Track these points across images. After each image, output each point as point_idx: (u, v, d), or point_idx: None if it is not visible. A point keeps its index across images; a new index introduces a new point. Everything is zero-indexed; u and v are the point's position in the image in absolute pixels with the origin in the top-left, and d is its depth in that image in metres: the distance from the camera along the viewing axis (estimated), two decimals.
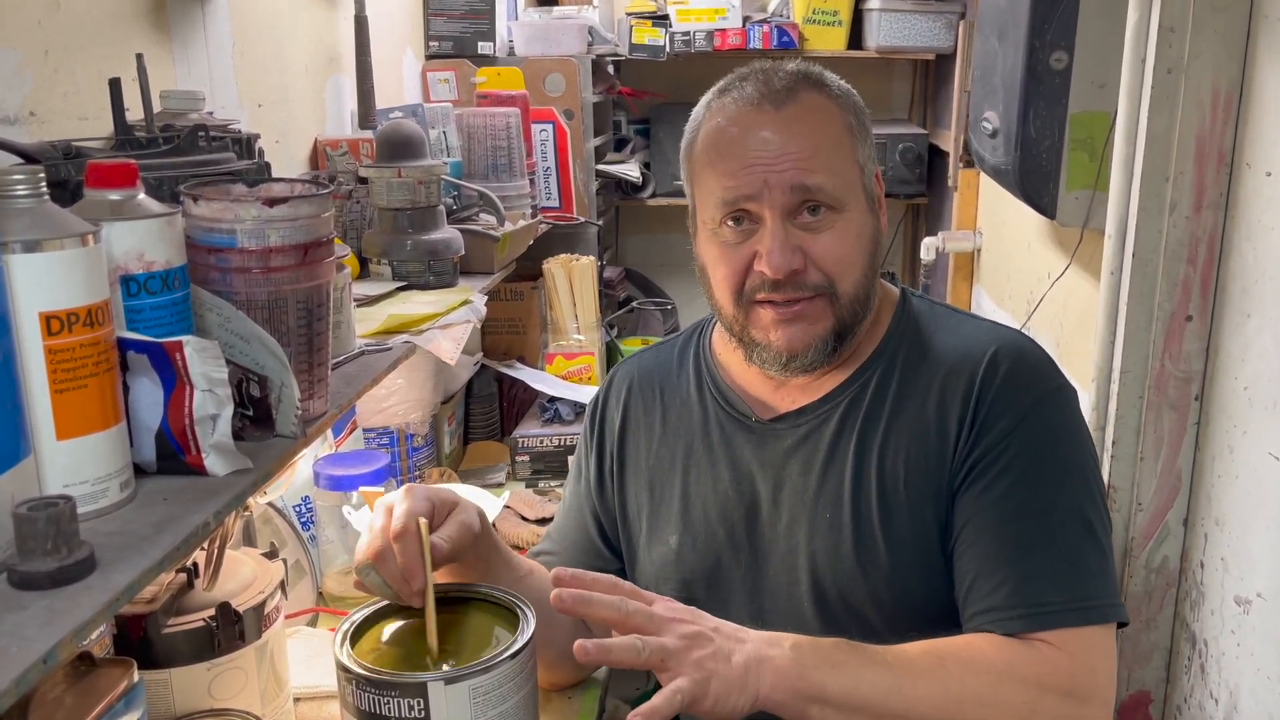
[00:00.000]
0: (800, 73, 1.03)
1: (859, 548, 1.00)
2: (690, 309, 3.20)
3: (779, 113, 0.99)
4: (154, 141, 0.96)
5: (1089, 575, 0.95)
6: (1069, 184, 1.64)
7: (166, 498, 0.72)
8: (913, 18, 2.83)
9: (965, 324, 1.08)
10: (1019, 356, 1.01)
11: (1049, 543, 0.95)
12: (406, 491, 0.98)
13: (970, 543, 0.97)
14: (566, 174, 2.36)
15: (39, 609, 0.59)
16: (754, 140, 0.98)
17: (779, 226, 0.98)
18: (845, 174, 0.99)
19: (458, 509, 1.00)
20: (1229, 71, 1.33)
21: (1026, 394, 0.99)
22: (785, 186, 0.97)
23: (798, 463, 1.05)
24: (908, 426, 1.01)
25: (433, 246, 1.45)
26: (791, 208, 0.98)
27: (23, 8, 1.01)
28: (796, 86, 1.00)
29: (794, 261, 0.98)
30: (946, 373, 1.02)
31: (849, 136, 1.01)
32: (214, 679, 0.99)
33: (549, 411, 1.98)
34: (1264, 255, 1.27)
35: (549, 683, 1.20)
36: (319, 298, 0.84)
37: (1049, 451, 0.98)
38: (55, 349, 0.65)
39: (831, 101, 1.01)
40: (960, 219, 2.66)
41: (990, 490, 0.97)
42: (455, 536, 0.96)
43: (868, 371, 1.05)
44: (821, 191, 0.97)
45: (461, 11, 2.34)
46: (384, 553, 0.92)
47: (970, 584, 0.96)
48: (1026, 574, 0.94)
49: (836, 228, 0.99)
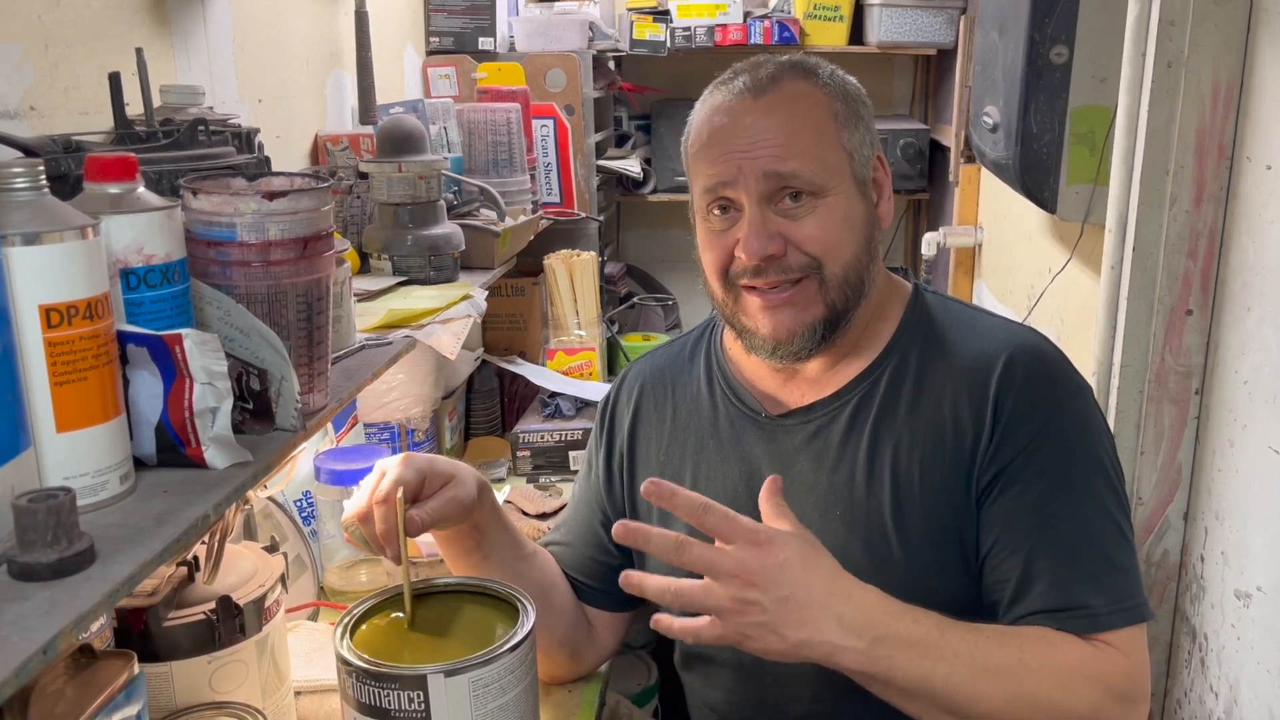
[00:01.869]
0: (789, 63, 1.03)
1: (871, 545, 1.00)
2: (691, 304, 3.20)
3: (757, 101, 0.99)
4: (154, 136, 0.97)
5: (1126, 575, 0.97)
6: (1069, 178, 1.64)
7: (166, 490, 0.72)
8: (914, 13, 2.82)
9: (980, 320, 1.07)
10: (1037, 357, 1.02)
11: (1089, 545, 0.96)
12: (403, 459, 1.02)
13: (1010, 549, 0.97)
14: (567, 169, 2.36)
15: (40, 600, 0.59)
16: (734, 128, 0.99)
17: (755, 212, 0.98)
18: (825, 159, 0.99)
19: (451, 484, 1.03)
20: (1229, 65, 1.32)
21: (1049, 396, 0.99)
22: (758, 173, 0.97)
23: (808, 458, 1.05)
24: (924, 424, 1.01)
25: (433, 242, 1.45)
26: (768, 194, 0.98)
27: (24, 2, 1.02)
28: (781, 75, 1.01)
29: (770, 247, 0.98)
30: (963, 371, 1.01)
31: (832, 122, 1.00)
32: (215, 672, 1.00)
33: (550, 407, 1.99)
34: (1264, 249, 1.27)
35: (548, 674, 1.21)
36: (319, 291, 0.84)
37: (1078, 453, 0.98)
38: (55, 342, 0.65)
39: (816, 88, 1.01)
40: (961, 214, 2.66)
41: (1024, 495, 0.97)
42: (436, 510, 1.00)
43: (880, 367, 1.05)
44: (796, 177, 0.97)
45: (462, 7, 2.34)
46: (367, 515, 1.00)
47: (1015, 589, 0.96)
48: (1071, 578, 0.95)
49: (819, 212, 0.99)
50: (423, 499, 1.01)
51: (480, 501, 1.06)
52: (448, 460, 1.06)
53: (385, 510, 0.98)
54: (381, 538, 0.98)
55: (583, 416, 1.97)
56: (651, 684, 1.72)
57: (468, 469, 1.07)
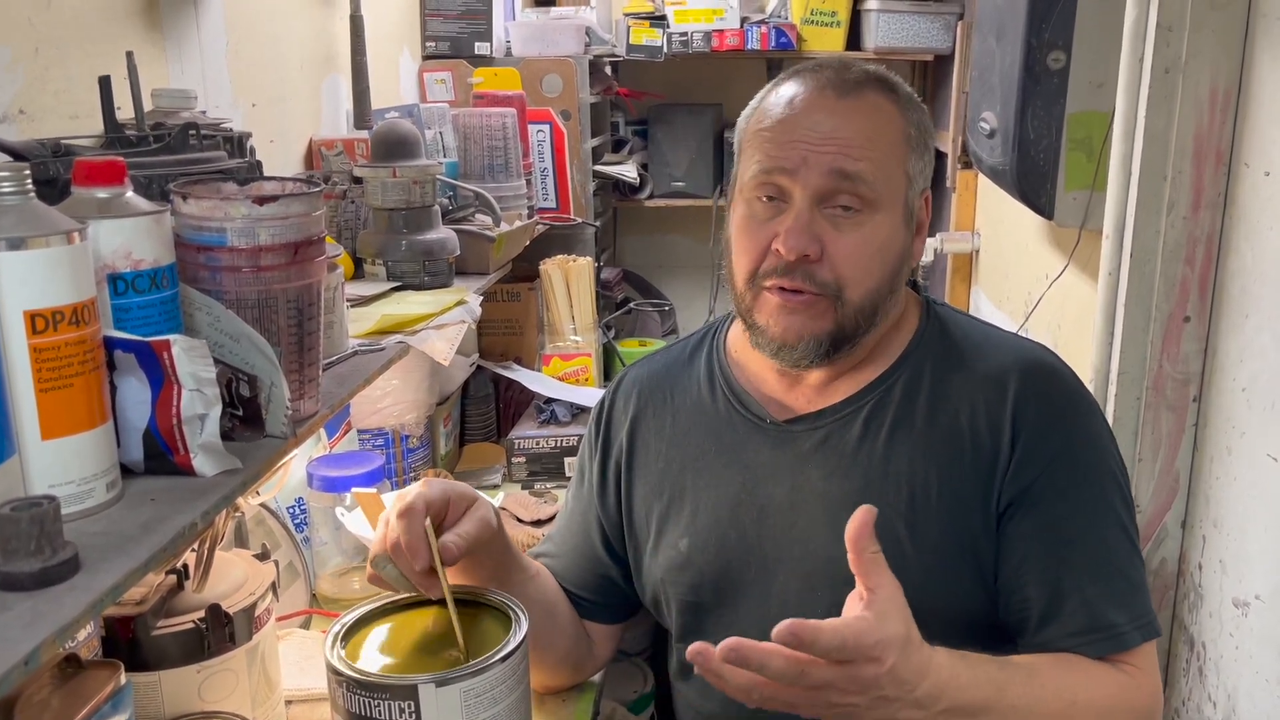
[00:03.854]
0: (876, 74, 1.02)
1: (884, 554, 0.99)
2: (688, 310, 3.20)
3: (840, 101, 0.98)
4: (144, 140, 0.96)
5: (1141, 591, 0.99)
6: (1067, 184, 1.64)
7: (154, 498, 0.71)
8: (911, 18, 2.82)
9: (992, 335, 1.08)
10: (1053, 374, 1.03)
11: (1109, 563, 0.98)
12: (422, 484, 0.98)
13: (1035, 570, 0.97)
14: (564, 175, 2.35)
15: (22, 610, 0.58)
16: (807, 120, 0.98)
17: (805, 207, 0.97)
18: (890, 176, 0.98)
19: (476, 505, 1.00)
20: (1227, 70, 1.32)
21: (1066, 415, 1.00)
22: (824, 168, 0.96)
23: (817, 466, 1.03)
24: (940, 435, 1.00)
25: (428, 247, 1.44)
26: (825, 193, 0.96)
27: (14, 5, 1.01)
28: (866, 83, 1.00)
29: (809, 247, 0.96)
30: (979, 384, 1.01)
31: (904, 144, 1.00)
32: (204, 681, 0.99)
33: (545, 413, 1.98)
34: (1262, 255, 1.26)
35: (546, 687, 1.19)
36: (310, 297, 0.84)
37: (1095, 470, 1.00)
38: (40, 348, 0.65)
39: (897, 108, 1.00)
40: (959, 220, 2.66)
41: (1047, 516, 0.98)
42: (471, 533, 0.96)
43: (893, 376, 1.04)
44: (861, 180, 0.96)
45: (458, 12, 2.33)
46: (399, 549, 0.93)
47: (1043, 611, 0.97)
48: (1098, 597, 0.96)
49: (864, 228, 0.97)
50: (449, 524, 0.97)
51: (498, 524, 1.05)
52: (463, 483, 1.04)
53: (410, 522, 0.93)
54: (407, 549, 0.92)
55: (578, 422, 1.96)
56: (647, 691, 1.71)
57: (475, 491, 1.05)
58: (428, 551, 0.92)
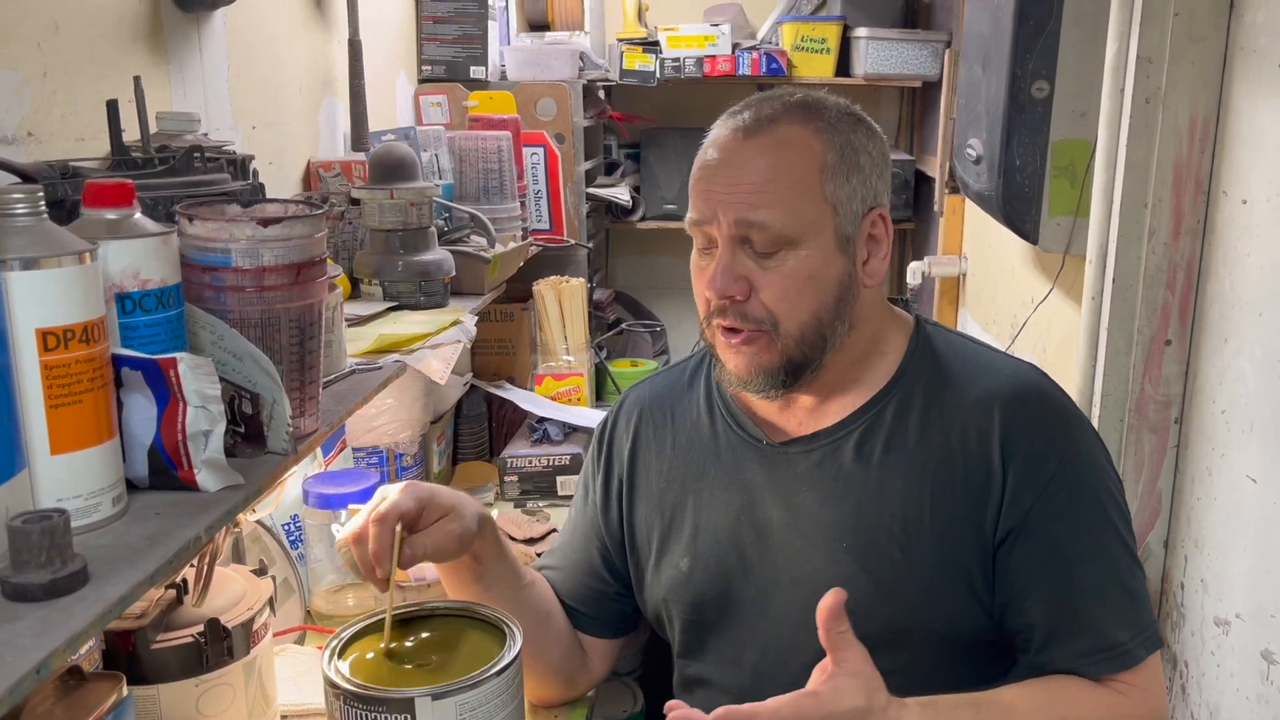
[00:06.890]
0: (795, 103, 1.00)
1: (879, 577, 1.00)
2: (679, 331, 3.22)
3: (746, 142, 0.98)
4: (150, 162, 0.98)
5: (1142, 603, 1.00)
6: (1051, 210, 1.67)
7: (159, 512, 0.73)
8: (899, 46, 2.87)
9: (982, 355, 1.08)
10: (1044, 395, 1.03)
11: (1110, 580, 0.99)
12: (405, 487, 1.01)
13: (1037, 593, 0.99)
14: (557, 197, 2.38)
15: (33, 620, 0.59)
16: (720, 167, 0.99)
17: (726, 252, 0.98)
18: (802, 212, 0.96)
19: (448, 517, 1.02)
20: (1206, 101, 1.35)
21: (1060, 435, 1.01)
22: (731, 218, 0.97)
23: (811, 488, 1.04)
24: (934, 457, 1.01)
25: (424, 267, 1.46)
26: (740, 237, 0.98)
27: (23, 30, 1.03)
28: (779, 117, 0.99)
29: (734, 289, 0.97)
30: (971, 405, 1.02)
31: (818, 174, 0.97)
32: (202, 695, 1.00)
33: (538, 432, 1.99)
34: (1240, 281, 1.29)
35: (539, 698, 1.21)
36: (311, 316, 0.86)
37: (1091, 490, 1.00)
38: (51, 365, 0.66)
39: (813, 135, 0.98)
40: (946, 244, 2.69)
41: (1046, 539, 0.99)
42: (429, 545, 1.00)
43: (885, 399, 1.04)
44: (765, 228, 0.96)
45: (454, 36, 2.36)
46: (361, 537, 0.99)
47: (1046, 632, 0.98)
48: (1101, 616, 0.98)
49: (787, 264, 0.97)
50: (420, 529, 1.00)
51: (480, 534, 1.06)
52: (451, 492, 1.06)
53: (380, 531, 0.97)
54: (373, 557, 0.97)
55: (570, 442, 1.98)
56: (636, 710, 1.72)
57: (470, 501, 1.06)
58: (389, 561, 0.97)
